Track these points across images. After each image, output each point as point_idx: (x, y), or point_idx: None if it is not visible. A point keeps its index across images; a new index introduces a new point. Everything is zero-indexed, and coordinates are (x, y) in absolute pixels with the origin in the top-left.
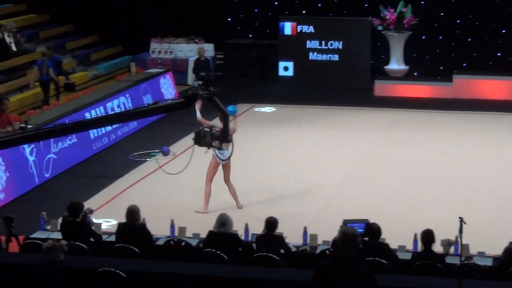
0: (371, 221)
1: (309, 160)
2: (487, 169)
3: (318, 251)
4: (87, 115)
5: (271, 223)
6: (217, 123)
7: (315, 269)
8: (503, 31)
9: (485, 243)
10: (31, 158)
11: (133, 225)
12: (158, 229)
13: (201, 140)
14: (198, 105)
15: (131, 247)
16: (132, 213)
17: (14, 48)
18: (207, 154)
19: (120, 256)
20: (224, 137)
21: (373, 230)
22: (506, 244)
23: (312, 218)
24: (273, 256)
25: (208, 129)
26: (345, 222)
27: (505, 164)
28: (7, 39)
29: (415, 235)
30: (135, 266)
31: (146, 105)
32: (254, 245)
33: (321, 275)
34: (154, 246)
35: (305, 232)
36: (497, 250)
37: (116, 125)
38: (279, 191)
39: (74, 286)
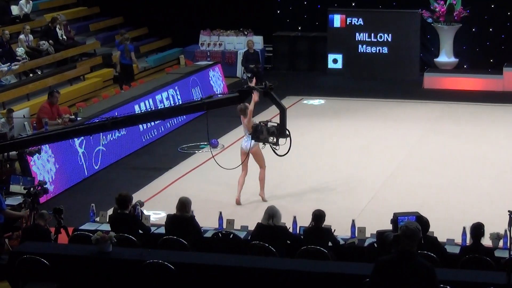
0: (422, 214)
1: (357, 153)
2: None
3: (366, 244)
4: (136, 108)
5: (318, 216)
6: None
7: (376, 264)
8: None
9: None
10: (80, 150)
11: (182, 217)
12: (207, 221)
13: (259, 135)
14: (255, 97)
15: (180, 239)
16: (184, 204)
17: (64, 39)
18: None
19: (168, 248)
20: (281, 132)
21: (422, 223)
22: None
23: (360, 210)
24: (321, 249)
25: (264, 125)
26: (396, 215)
27: None
28: (59, 32)
29: (464, 228)
30: (183, 258)
31: (200, 99)
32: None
33: (382, 270)
34: (203, 238)
35: (353, 225)
36: None
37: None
38: (327, 183)
39: (123, 277)
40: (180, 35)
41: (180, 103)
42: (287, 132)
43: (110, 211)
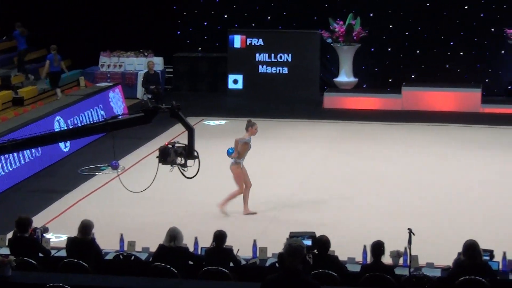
0: (321, 233)
1: (259, 173)
2: (435, 180)
3: (268, 264)
4: (35, 130)
5: (219, 236)
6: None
7: (262, 283)
8: (451, 43)
9: (434, 254)
10: None
11: (83, 239)
12: (108, 243)
13: (166, 158)
14: (249, 133)
15: (80, 262)
16: (85, 227)
17: None
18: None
19: (69, 271)
20: (189, 154)
21: (322, 242)
22: (454, 255)
23: (262, 230)
24: (223, 269)
25: (171, 146)
26: (292, 235)
27: (453, 175)
28: None
29: (365, 246)
30: (84, 281)
31: (104, 120)
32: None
33: None
34: (104, 260)
35: (254, 245)
36: (446, 261)
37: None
38: (230, 204)
39: None
40: (80, 57)
41: (82, 124)
42: (196, 153)
43: (9, 235)
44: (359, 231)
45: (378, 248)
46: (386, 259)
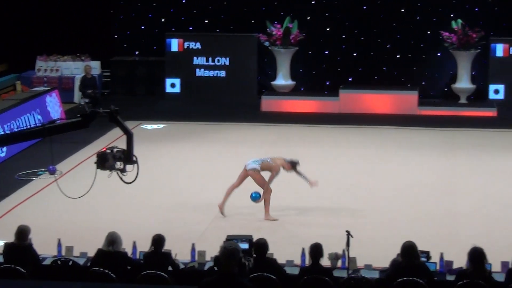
0: (259, 236)
1: (198, 176)
2: (373, 182)
3: (206, 267)
4: None
5: (157, 240)
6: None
7: (198, 286)
8: (388, 46)
9: (372, 256)
10: None
11: (20, 245)
12: (45, 248)
13: (104, 163)
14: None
15: (18, 267)
16: (22, 232)
17: None
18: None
19: (6, 277)
20: (128, 158)
21: (259, 245)
22: (393, 256)
23: (200, 234)
24: (161, 273)
25: (109, 151)
26: (229, 238)
27: (390, 177)
28: None
29: (303, 249)
30: (22, 287)
31: (41, 124)
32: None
33: None
34: (41, 266)
35: (193, 249)
36: (384, 262)
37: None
38: (168, 208)
39: None
40: (16, 61)
41: (19, 129)
42: (135, 158)
43: None
44: (298, 234)
45: (316, 250)
46: (325, 262)
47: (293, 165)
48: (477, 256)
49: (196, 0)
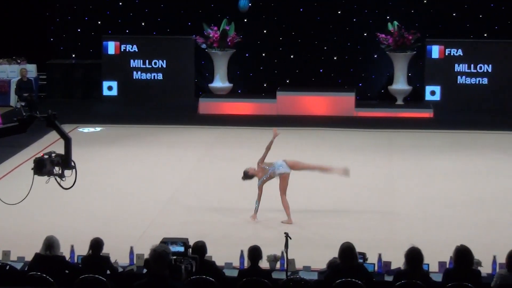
0: (199, 238)
1: (136, 179)
2: (310, 184)
3: (144, 270)
4: None
5: (95, 244)
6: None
7: None
8: (325, 48)
9: (310, 258)
10: None
11: None
12: None
13: (42, 169)
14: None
15: None
16: None
17: None
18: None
19: None
20: (66, 164)
21: (198, 248)
22: (330, 257)
23: (138, 237)
24: (99, 277)
25: (47, 156)
26: (164, 241)
27: (327, 179)
28: None
29: (242, 251)
30: None
31: None
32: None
33: None
34: None
35: (131, 252)
36: (323, 264)
37: None
38: (106, 211)
39: None
40: None
41: None
42: (73, 163)
43: None
44: (237, 236)
45: (255, 252)
46: (264, 264)
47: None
48: (414, 256)
49: (133, 3)
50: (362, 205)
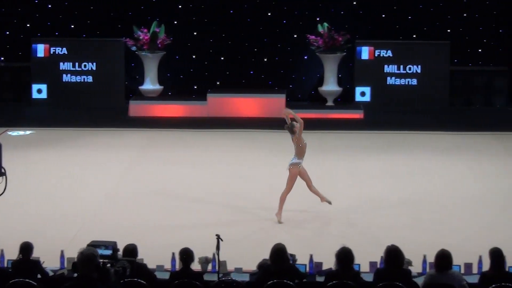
0: (130, 241)
1: (67, 183)
2: (243, 186)
3: (75, 274)
4: None
5: (25, 248)
6: None
7: None
8: (255, 50)
9: (242, 259)
10: None
11: None
12: None
13: None
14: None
15: None
16: None
17: None
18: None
19: None
20: None
21: (129, 250)
22: (261, 259)
23: (69, 241)
24: (30, 281)
25: None
26: (92, 244)
27: (259, 180)
28: None
29: (173, 254)
30: None
31: None
32: None
33: None
34: None
35: (62, 256)
36: (254, 265)
37: None
38: (37, 215)
39: None
40: None
41: None
42: (3, 170)
43: None
44: (169, 238)
45: (186, 254)
46: (195, 266)
47: None
48: (344, 256)
49: (62, 5)
50: (293, 205)
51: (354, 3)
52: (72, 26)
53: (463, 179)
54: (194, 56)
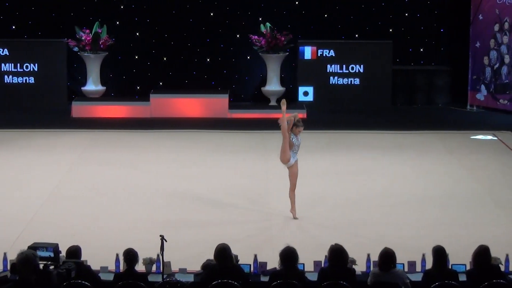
0: (73, 243)
1: (8, 184)
2: (187, 187)
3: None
4: None
5: None
6: None
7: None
8: (198, 50)
9: (186, 260)
10: None
11: None
12: None
13: None
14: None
15: None
16: None
17: None
18: None
19: None
20: None
21: (72, 252)
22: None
23: (12, 244)
24: None
25: None
26: (33, 246)
27: (203, 181)
28: None
29: (117, 255)
30: None
31: None
32: None
33: None
34: None
35: (5, 259)
36: (198, 266)
37: None
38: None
39: None
40: None
41: None
42: None
43: None
44: (113, 240)
45: (130, 255)
46: (140, 267)
47: None
48: (288, 256)
49: (3, 6)
50: (237, 206)
51: (297, 3)
52: (13, 27)
53: (405, 178)
54: (136, 57)
